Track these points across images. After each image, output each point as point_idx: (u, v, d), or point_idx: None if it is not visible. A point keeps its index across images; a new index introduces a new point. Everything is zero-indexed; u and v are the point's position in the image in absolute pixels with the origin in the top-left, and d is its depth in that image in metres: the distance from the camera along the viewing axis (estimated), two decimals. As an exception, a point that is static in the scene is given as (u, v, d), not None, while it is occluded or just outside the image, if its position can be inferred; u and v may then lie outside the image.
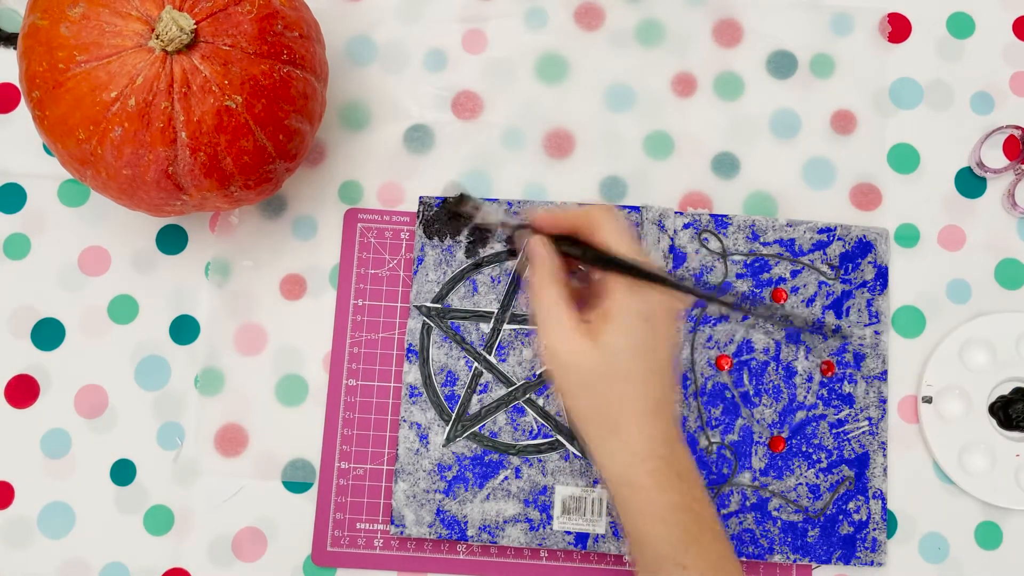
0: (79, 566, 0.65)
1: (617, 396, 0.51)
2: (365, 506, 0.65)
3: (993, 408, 0.66)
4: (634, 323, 0.50)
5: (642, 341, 0.51)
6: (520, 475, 0.65)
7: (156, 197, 0.59)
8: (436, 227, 0.67)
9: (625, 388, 0.51)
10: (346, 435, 0.66)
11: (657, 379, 0.51)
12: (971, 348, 0.67)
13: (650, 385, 0.51)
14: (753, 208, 0.69)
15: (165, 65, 0.56)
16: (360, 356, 0.67)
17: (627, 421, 0.51)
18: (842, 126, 0.70)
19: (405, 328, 0.67)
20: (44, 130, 0.58)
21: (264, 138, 0.59)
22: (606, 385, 0.51)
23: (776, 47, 0.71)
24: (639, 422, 0.51)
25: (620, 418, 0.51)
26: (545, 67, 0.71)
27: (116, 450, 0.66)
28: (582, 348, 0.50)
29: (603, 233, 0.52)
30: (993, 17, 0.72)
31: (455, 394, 0.66)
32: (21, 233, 0.69)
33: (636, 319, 0.50)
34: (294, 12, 0.60)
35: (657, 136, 0.70)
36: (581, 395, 0.51)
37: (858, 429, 0.66)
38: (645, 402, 0.51)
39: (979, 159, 0.69)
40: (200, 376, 0.67)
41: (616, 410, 0.51)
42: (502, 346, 0.66)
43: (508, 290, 0.66)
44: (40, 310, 0.68)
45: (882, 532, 0.65)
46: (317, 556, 0.65)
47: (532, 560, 0.65)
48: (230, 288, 0.68)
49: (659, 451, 0.50)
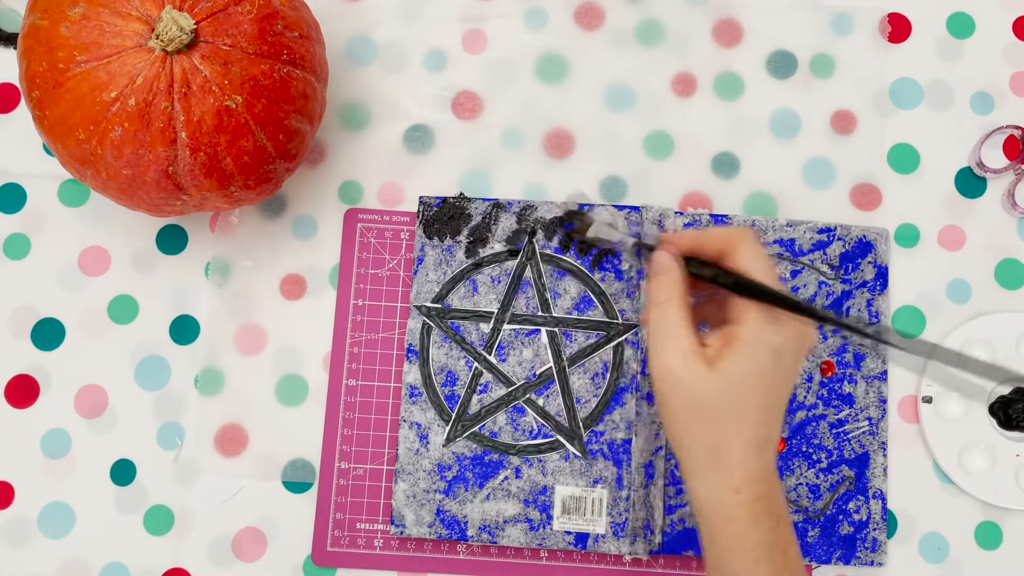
0: (79, 566, 0.65)
1: (726, 426, 0.49)
2: (365, 506, 0.65)
3: (993, 408, 0.66)
4: (762, 355, 0.49)
5: (765, 374, 0.49)
6: (520, 475, 0.65)
7: (156, 197, 0.59)
8: (436, 227, 0.67)
9: (736, 419, 0.49)
10: (346, 435, 0.66)
11: (769, 415, 0.49)
12: (971, 348, 0.67)
13: (761, 420, 0.49)
14: (753, 208, 0.69)
15: (165, 65, 0.56)
16: (360, 356, 0.67)
17: (731, 453, 0.49)
18: (842, 126, 0.70)
19: (405, 328, 0.67)
20: (44, 130, 0.58)
21: (264, 138, 0.59)
22: (717, 413, 0.49)
23: (776, 47, 0.71)
24: (743, 455, 0.49)
25: (724, 449, 0.49)
26: (545, 67, 0.71)
27: (116, 450, 0.66)
28: (699, 372, 0.49)
29: (741, 256, 0.50)
30: (993, 17, 0.72)
31: (455, 394, 0.66)
32: (21, 233, 0.69)
33: (765, 351, 0.49)
34: (294, 12, 0.60)
35: (657, 136, 0.70)
36: (687, 420, 0.50)
37: (858, 429, 0.66)
38: (754, 436, 0.49)
39: (979, 159, 0.69)
40: (200, 376, 0.67)
41: (721, 440, 0.49)
42: (502, 346, 0.66)
43: (508, 290, 0.66)
44: (40, 310, 0.68)
45: (882, 532, 0.65)
46: (317, 556, 0.65)
47: (532, 560, 0.65)
48: (230, 288, 0.68)
49: (757, 487, 0.49)
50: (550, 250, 0.67)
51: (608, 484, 0.64)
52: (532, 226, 0.67)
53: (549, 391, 0.66)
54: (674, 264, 0.51)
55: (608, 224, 0.55)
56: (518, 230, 0.67)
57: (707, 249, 0.51)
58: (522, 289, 0.67)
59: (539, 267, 0.67)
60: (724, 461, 0.49)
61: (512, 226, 0.67)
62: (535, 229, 0.67)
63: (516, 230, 0.67)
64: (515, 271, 0.67)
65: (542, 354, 0.66)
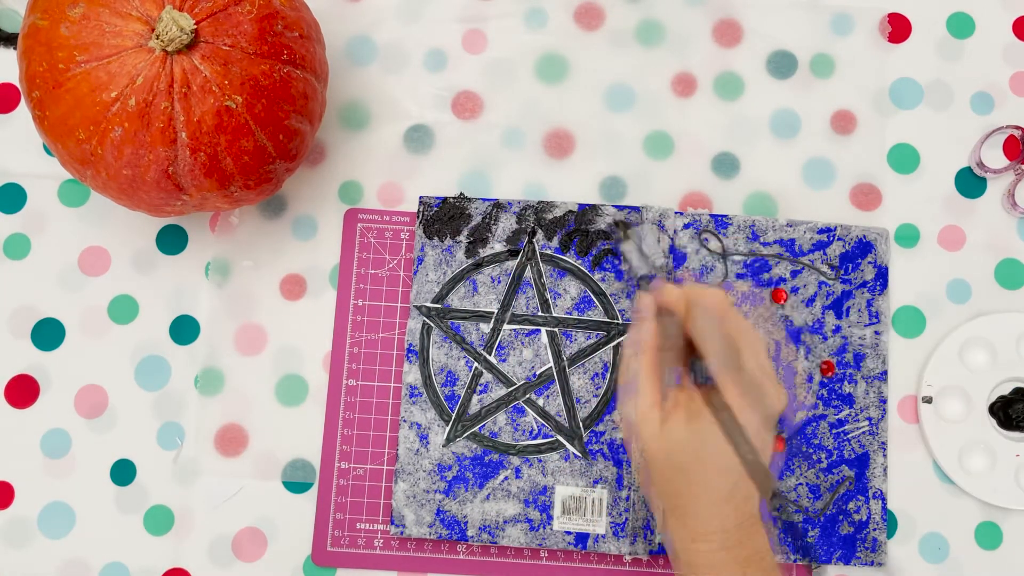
0: (79, 566, 0.65)
1: (679, 482, 0.51)
2: (365, 506, 0.65)
3: (993, 408, 0.66)
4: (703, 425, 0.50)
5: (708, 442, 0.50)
6: (520, 475, 0.65)
7: (156, 197, 0.59)
8: (436, 227, 0.67)
9: (687, 477, 0.51)
10: (346, 435, 0.66)
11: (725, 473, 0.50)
12: (971, 348, 0.67)
13: (715, 476, 0.50)
14: (753, 208, 0.69)
15: (165, 65, 0.56)
16: (360, 356, 0.67)
17: (690, 505, 0.51)
18: (842, 126, 0.70)
19: (405, 328, 0.67)
20: (44, 130, 0.58)
21: (264, 138, 0.59)
22: (669, 470, 0.51)
23: (776, 47, 0.71)
24: (704, 508, 0.50)
25: (682, 501, 0.51)
26: (545, 67, 0.71)
27: (116, 450, 0.66)
28: (652, 430, 0.51)
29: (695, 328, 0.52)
30: (993, 17, 0.72)
31: (455, 394, 0.66)
32: (21, 233, 0.69)
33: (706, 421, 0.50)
34: (294, 12, 0.60)
35: (657, 136, 0.70)
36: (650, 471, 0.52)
37: (858, 429, 0.66)
38: (717, 491, 0.50)
39: (979, 159, 0.69)
40: (200, 376, 0.67)
41: (679, 494, 0.51)
42: (502, 346, 0.66)
43: (508, 290, 0.66)
44: (40, 310, 0.68)
45: (882, 532, 0.65)
46: (317, 556, 0.65)
47: (532, 560, 0.65)
48: (230, 288, 0.68)
49: (716, 538, 0.50)
50: (550, 250, 0.67)
51: (608, 484, 0.64)
52: (532, 226, 0.67)
53: (549, 391, 0.66)
54: (651, 312, 0.53)
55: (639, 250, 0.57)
56: (518, 230, 0.67)
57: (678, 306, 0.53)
58: (522, 289, 0.67)
59: (539, 267, 0.67)
60: (687, 513, 0.51)
61: (512, 226, 0.67)
62: (535, 229, 0.67)
63: (516, 230, 0.67)
64: (515, 271, 0.67)
65: (542, 354, 0.66)
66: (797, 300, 0.67)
